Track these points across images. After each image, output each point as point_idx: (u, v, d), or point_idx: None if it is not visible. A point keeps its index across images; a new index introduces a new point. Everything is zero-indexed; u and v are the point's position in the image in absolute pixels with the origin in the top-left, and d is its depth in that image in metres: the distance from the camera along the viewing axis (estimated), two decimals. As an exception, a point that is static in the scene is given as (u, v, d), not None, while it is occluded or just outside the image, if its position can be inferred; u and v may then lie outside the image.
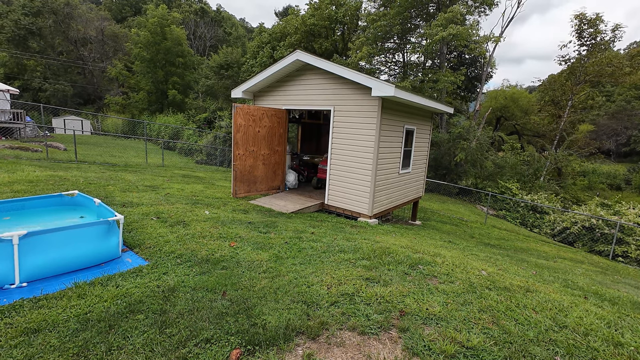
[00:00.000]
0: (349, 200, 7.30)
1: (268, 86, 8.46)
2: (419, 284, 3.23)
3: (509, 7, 73.95)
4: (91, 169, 9.51)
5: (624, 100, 36.99)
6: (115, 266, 3.31)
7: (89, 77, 40.91)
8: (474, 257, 5.19)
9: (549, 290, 3.57)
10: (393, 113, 7.13)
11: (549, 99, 27.17)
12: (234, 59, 33.32)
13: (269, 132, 7.93)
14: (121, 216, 3.55)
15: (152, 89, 34.56)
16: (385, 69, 27.00)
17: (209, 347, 2.12)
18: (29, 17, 34.53)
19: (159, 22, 32.46)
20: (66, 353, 2.00)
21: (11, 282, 2.80)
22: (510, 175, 20.60)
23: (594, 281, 5.24)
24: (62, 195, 4.28)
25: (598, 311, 3.05)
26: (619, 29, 21.67)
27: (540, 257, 7.51)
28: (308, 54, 7.22)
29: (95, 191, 6.19)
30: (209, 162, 19.48)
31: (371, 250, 4.25)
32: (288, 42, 26.17)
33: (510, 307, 2.86)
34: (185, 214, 5.28)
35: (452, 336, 2.32)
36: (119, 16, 49.88)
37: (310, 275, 3.33)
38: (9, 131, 15.59)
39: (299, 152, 10.92)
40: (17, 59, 35.01)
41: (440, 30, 17.65)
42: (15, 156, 10.16)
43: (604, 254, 10.96)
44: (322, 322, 2.45)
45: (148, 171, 10.93)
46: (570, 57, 24.14)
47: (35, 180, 6.53)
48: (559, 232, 13.26)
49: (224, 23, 52.29)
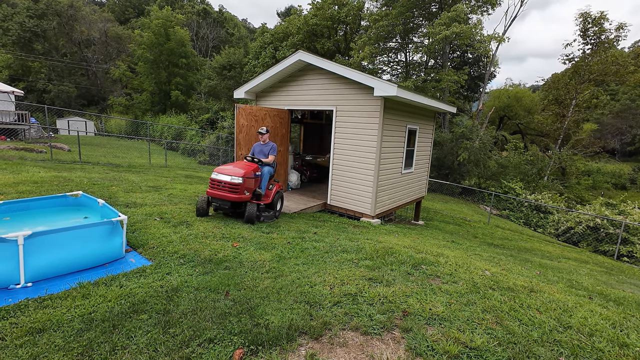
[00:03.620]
0: (352, 200, 7.29)
1: (270, 86, 8.47)
2: (422, 284, 3.22)
3: (511, 7, 73.62)
4: (95, 170, 9.57)
5: (629, 98, 36.64)
6: (119, 266, 3.33)
7: (93, 78, 41.16)
8: (477, 257, 5.17)
9: (553, 290, 3.54)
10: (395, 113, 7.11)
11: (552, 98, 26.98)
12: (237, 59, 33.38)
13: (271, 133, 7.93)
14: (125, 216, 3.57)
15: (155, 90, 34.70)
16: (387, 68, 26.96)
17: (212, 347, 2.12)
18: (34, 20, 34.79)
19: (163, 23, 32.59)
20: (71, 353, 2.01)
21: (16, 282, 2.83)
22: (513, 175, 20.46)
23: (598, 281, 5.20)
24: (66, 196, 4.31)
25: (603, 312, 3.02)
26: (624, 28, 21.51)
27: (544, 257, 7.46)
28: (310, 54, 7.23)
29: (99, 192, 6.23)
30: (212, 163, 19.54)
31: (374, 250, 4.24)
32: (290, 42, 26.18)
33: (514, 308, 2.84)
34: (188, 214, 5.30)
35: (455, 336, 2.31)
36: (122, 18, 50.13)
37: (312, 275, 3.33)
38: (13, 132, 15.71)
39: (301, 152, 10.92)
40: (22, 61, 35.28)
41: (443, 29, 17.59)
42: (20, 157, 10.24)
43: (608, 254, 10.86)
44: (325, 322, 2.44)
45: (151, 172, 10.98)
46: (575, 55, 23.99)
47: (39, 181, 6.58)
48: (563, 232, 13.16)
49: (227, 24, 52.39)
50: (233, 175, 5.09)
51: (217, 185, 5.15)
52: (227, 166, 5.31)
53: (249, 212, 5.17)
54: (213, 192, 5.15)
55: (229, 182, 5.07)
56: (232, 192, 5.09)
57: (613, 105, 37.83)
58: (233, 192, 5.09)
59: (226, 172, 5.13)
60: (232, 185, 5.07)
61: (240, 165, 5.39)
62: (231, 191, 5.09)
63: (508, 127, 33.65)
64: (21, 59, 35.09)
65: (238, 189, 5.08)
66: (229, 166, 5.32)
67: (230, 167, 5.29)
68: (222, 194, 5.08)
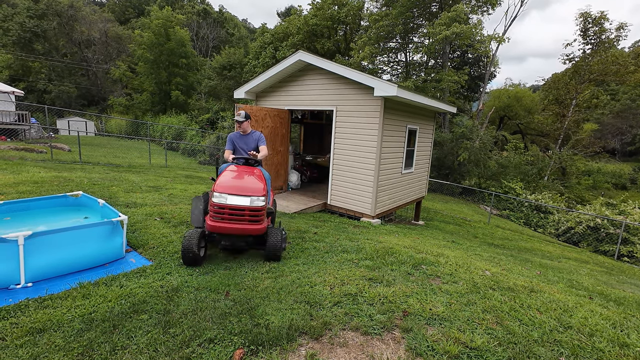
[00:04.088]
0: (352, 201, 7.29)
1: (270, 87, 8.47)
2: (422, 284, 3.22)
3: (511, 7, 73.62)
4: (95, 170, 9.57)
5: (629, 98, 36.60)
6: (119, 266, 3.33)
7: (93, 78, 41.17)
8: (478, 257, 5.17)
9: (553, 290, 3.54)
10: (396, 113, 7.11)
11: (552, 97, 26.97)
12: (237, 59, 33.40)
13: (271, 133, 7.93)
14: (125, 217, 3.57)
15: (155, 90, 34.73)
16: (387, 68, 26.96)
17: (213, 347, 2.12)
18: (34, 20, 34.82)
19: (163, 23, 32.62)
20: (71, 353, 2.02)
21: (17, 282, 2.83)
22: (513, 175, 20.45)
23: (599, 281, 5.20)
24: (67, 196, 4.31)
25: (603, 312, 3.02)
26: (624, 28, 21.51)
27: (544, 257, 7.46)
28: (310, 54, 7.23)
29: (99, 192, 6.23)
30: (212, 163, 19.55)
31: (374, 250, 4.24)
32: (290, 43, 26.19)
33: (515, 308, 2.84)
34: (188, 214, 5.30)
35: (455, 336, 2.31)
36: (122, 18, 50.15)
37: (313, 275, 3.33)
38: (14, 132, 15.72)
39: (301, 152, 10.93)
40: (22, 61, 35.30)
41: (444, 29, 17.59)
42: (21, 157, 10.25)
43: (609, 254, 10.86)
44: (325, 322, 2.44)
45: (151, 172, 10.98)
46: (575, 55, 23.99)
47: (40, 181, 6.58)
48: (563, 232, 13.15)
49: (227, 24, 52.39)
50: (254, 196, 3.39)
51: (230, 215, 3.35)
52: (236, 180, 3.56)
53: (272, 244, 3.54)
54: (225, 225, 3.33)
55: (249, 207, 3.35)
56: (254, 222, 3.40)
57: (613, 105, 37.81)
58: (255, 220, 3.41)
59: (243, 191, 3.40)
60: (255, 212, 3.39)
61: (247, 174, 3.74)
62: (253, 220, 3.39)
63: (508, 127, 33.64)
64: (21, 59, 35.11)
65: (261, 213, 3.44)
66: (238, 180, 3.57)
67: (239, 181, 3.56)
68: (240, 227, 3.35)
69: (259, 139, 4.38)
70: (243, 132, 4.37)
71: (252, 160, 4.00)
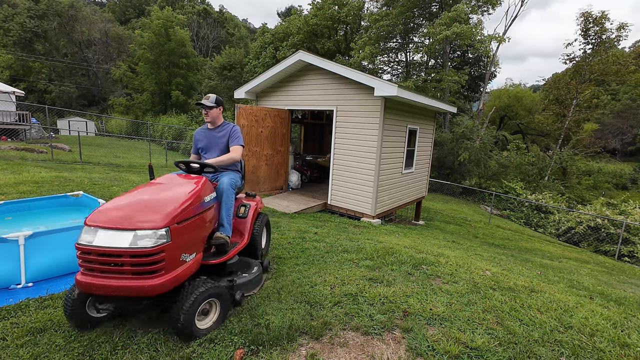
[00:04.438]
0: (352, 201, 7.29)
1: (271, 87, 8.47)
2: (423, 284, 3.22)
3: (512, 6, 73.57)
4: (96, 170, 9.58)
5: (630, 98, 36.56)
6: (119, 266, 3.33)
7: (93, 78, 41.21)
8: (478, 257, 5.16)
9: (554, 290, 3.54)
10: (396, 113, 7.11)
11: (553, 97, 26.96)
12: (237, 59, 33.42)
13: (271, 133, 7.94)
14: (125, 217, 3.57)
15: (155, 90, 34.75)
16: (388, 68, 26.96)
17: (213, 347, 2.12)
18: (34, 20, 34.86)
19: (163, 23, 32.63)
20: (72, 353, 2.02)
21: (17, 282, 2.83)
22: (514, 175, 20.45)
23: (599, 281, 5.19)
24: (67, 196, 4.31)
25: (604, 312, 3.02)
26: (625, 28, 21.50)
27: (545, 257, 7.46)
28: (310, 54, 7.23)
29: (100, 192, 6.23)
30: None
31: (374, 250, 4.24)
32: (291, 43, 26.20)
33: (515, 308, 2.84)
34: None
35: (456, 336, 2.30)
36: (123, 18, 50.19)
37: (313, 275, 3.33)
38: (14, 132, 15.74)
39: (301, 152, 10.93)
40: (22, 62, 35.34)
41: (444, 29, 17.58)
42: (21, 157, 10.26)
43: (609, 254, 10.85)
44: (326, 322, 2.44)
45: (152, 172, 10.97)
46: (576, 55, 23.98)
47: (40, 181, 6.59)
48: (563, 232, 13.14)
49: (227, 24, 52.43)
50: (141, 229, 1.96)
51: (101, 264, 1.98)
52: (131, 203, 2.16)
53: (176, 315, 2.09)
54: (94, 282, 1.95)
55: (130, 250, 1.92)
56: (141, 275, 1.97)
57: (614, 105, 37.77)
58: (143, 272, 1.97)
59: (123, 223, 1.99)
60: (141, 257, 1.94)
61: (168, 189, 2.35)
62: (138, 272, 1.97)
63: (509, 127, 33.64)
64: (22, 59, 35.15)
65: (152, 259, 1.96)
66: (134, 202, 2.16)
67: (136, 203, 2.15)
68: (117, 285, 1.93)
69: (230, 134, 3.09)
70: (212, 126, 3.16)
71: (196, 167, 2.64)
